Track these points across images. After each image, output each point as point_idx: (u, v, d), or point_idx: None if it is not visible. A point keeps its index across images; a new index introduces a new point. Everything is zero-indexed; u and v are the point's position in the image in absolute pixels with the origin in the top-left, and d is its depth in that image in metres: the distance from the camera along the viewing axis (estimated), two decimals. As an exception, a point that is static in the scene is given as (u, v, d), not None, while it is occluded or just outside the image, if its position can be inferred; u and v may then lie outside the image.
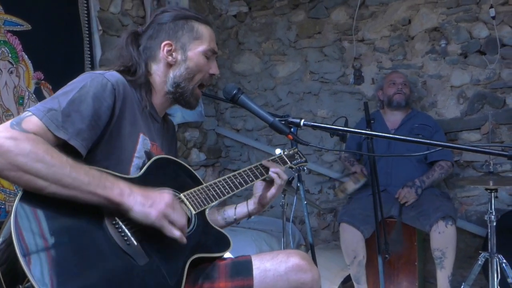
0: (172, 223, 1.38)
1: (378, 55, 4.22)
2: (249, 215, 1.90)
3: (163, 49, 1.66)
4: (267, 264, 1.54)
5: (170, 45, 1.66)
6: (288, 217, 3.06)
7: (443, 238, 3.17)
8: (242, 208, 1.91)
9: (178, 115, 4.14)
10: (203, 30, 1.70)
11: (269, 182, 1.83)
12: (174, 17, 1.68)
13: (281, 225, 2.98)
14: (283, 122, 1.78)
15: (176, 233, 1.38)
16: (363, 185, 3.67)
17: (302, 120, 1.75)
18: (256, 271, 1.53)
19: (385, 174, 3.57)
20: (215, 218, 1.89)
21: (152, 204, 1.36)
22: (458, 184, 3.86)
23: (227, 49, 4.84)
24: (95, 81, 1.45)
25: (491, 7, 3.70)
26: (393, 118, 3.78)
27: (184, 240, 1.40)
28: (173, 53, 1.67)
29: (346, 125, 2.98)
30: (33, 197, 1.26)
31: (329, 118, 4.41)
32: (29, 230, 1.20)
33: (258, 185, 1.86)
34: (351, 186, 3.53)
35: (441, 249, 3.18)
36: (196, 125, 4.59)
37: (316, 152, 4.48)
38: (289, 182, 2.93)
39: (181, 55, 1.67)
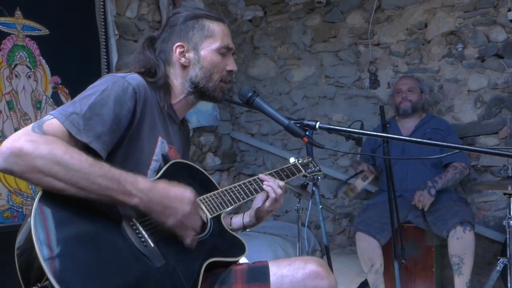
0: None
1: (394, 59, 4.19)
2: (244, 227, 1.88)
3: (176, 51, 1.66)
4: (284, 270, 1.52)
5: (182, 46, 1.65)
6: (303, 222, 3.04)
7: (461, 244, 3.13)
8: (238, 219, 1.90)
9: (193, 119, 4.15)
10: (215, 27, 1.68)
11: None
12: (185, 18, 1.67)
13: (296, 230, 2.96)
14: (298, 125, 1.77)
15: (187, 241, 1.42)
16: (378, 191, 3.65)
17: (318, 123, 1.73)
18: (273, 277, 1.51)
19: (401, 180, 3.54)
20: None
21: (170, 214, 1.38)
22: (475, 189, 3.81)
23: (242, 54, 4.85)
24: (116, 84, 1.45)
25: (509, 10, 3.65)
26: (407, 125, 3.75)
27: (193, 245, 1.44)
28: (186, 54, 1.66)
29: (362, 129, 2.98)
30: (52, 197, 1.27)
31: (345, 122, 4.39)
32: (48, 230, 1.21)
33: (259, 198, 1.83)
34: (359, 184, 3.51)
35: (459, 255, 3.14)
36: (211, 129, 4.60)
37: (331, 156, 4.46)
38: (304, 187, 2.93)
39: (194, 55, 1.66)
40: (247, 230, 1.88)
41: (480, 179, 3.85)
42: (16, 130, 2.83)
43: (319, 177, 2.09)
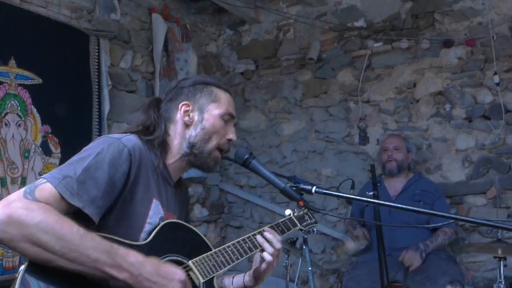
0: None
1: (384, 117, 4.24)
2: (244, 287, 1.85)
3: (181, 109, 1.66)
4: None
5: (188, 105, 1.67)
6: (292, 278, 2.99)
7: (451, 304, 3.09)
8: (239, 279, 1.86)
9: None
10: (222, 95, 1.71)
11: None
12: (194, 81, 1.72)
13: (283, 286, 2.91)
14: (294, 188, 1.75)
15: None
16: (366, 249, 3.62)
17: (314, 187, 1.72)
18: None
19: (389, 239, 3.51)
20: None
21: None
22: (464, 249, 3.79)
23: (233, 106, 4.88)
24: (112, 146, 1.44)
25: (495, 73, 3.75)
26: (394, 184, 3.75)
27: None
28: (190, 113, 1.67)
29: (352, 186, 3.00)
30: (39, 267, 1.22)
31: (334, 177, 4.39)
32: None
33: (257, 256, 1.79)
34: (351, 245, 3.50)
35: (450, 315, 3.09)
36: (200, 180, 4.57)
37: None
38: (293, 243, 2.89)
39: (198, 115, 1.67)
40: None
41: (468, 238, 3.84)
42: (2, 179, 2.78)
43: (314, 229, 2.07)
